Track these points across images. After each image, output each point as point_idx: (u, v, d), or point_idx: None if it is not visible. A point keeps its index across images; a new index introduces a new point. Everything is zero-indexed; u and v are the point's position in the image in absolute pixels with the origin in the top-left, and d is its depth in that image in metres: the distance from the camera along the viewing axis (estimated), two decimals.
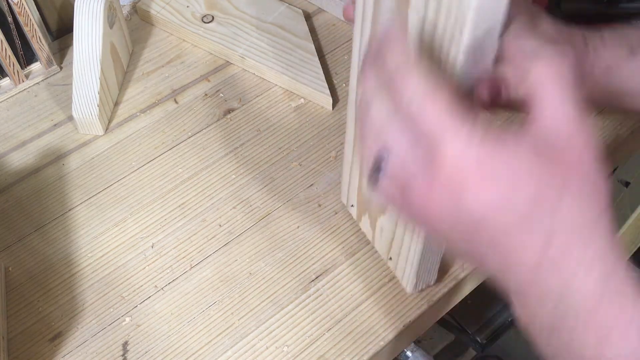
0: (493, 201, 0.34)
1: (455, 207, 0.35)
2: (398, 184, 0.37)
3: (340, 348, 0.58)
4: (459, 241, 0.37)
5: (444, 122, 0.34)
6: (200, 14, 0.80)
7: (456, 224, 0.36)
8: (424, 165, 0.36)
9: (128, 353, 0.57)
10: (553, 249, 0.34)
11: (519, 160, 0.34)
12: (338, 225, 0.65)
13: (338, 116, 0.73)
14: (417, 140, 0.36)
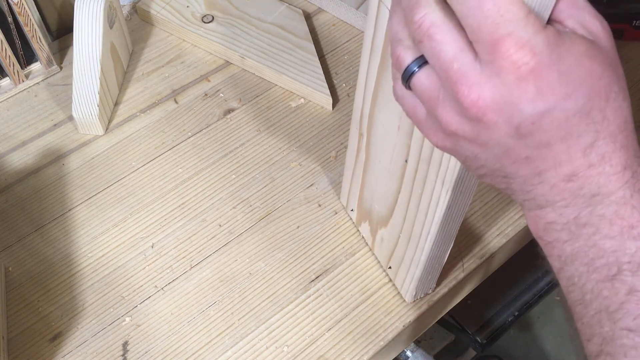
0: (559, 94, 0.32)
1: (512, 102, 0.33)
2: (444, 76, 0.34)
3: (340, 348, 0.58)
4: (497, 150, 0.35)
5: (508, 10, 0.31)
6: (200, 14, 0.80)
7: (505, 124, 0.33)
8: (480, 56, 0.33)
9: (128, 353, 0.57)
10: (594, 151, 0.34)
11: (582, 56, 0.33)
12: (338, 225, 0.65)
13: (338, 116, 0.73)
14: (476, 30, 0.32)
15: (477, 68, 0.33)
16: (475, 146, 0.36)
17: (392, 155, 0.53)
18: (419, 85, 0.36)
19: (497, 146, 0.35)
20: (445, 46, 0.34)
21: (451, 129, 0.35)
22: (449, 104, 0.35)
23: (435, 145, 0.38)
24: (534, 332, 1.30)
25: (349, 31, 0.81)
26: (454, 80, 0.34)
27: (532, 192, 0.36)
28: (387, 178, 0.55)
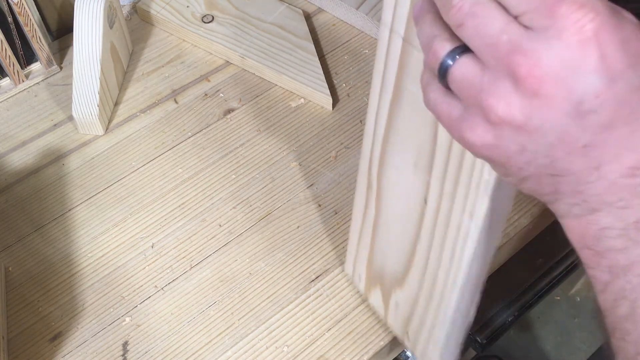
0: (623, 63, 0.29)
1: (574, 69, 0.29)
2: (492, 52, 0.31)
3: (340, 348, 0.58)
4: (551, 136, 0.31)
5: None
6: (200, 14, 0.80)
7: (565, 98, 0.30)
8: (533, 25, 0.30)
9: (128, 353, 0.57)
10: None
11: (636, 27, 0.30)
12: (338, 225, 0.65)
13: (338, 116, 0.73)
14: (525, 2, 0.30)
15: (531, 36, 0.30)
16: (524, 135, 0.31)
17: (408, 199, 0.48)
18: (459, 73, 0.33)
19: (551, 131, 0.31)
20: (491, 19, 0.31)
21: (498, 115, 0.31)
22: (496, 85, 0.31)
23: (473, 145, 0.33)
24: (534, 332, 1.30)
25: (349, 31, 0.81)
26: (506, 51, 0.30)
27: (585, 193, 0.32)
28: (403, 228, 0.49)
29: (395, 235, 0.51)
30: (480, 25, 0.31)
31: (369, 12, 0.79)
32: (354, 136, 0.71)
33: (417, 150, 0.45)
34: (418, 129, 0.43)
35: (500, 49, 0.30)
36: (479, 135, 0.32)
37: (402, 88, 0.43)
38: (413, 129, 0.44)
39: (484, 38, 0.31)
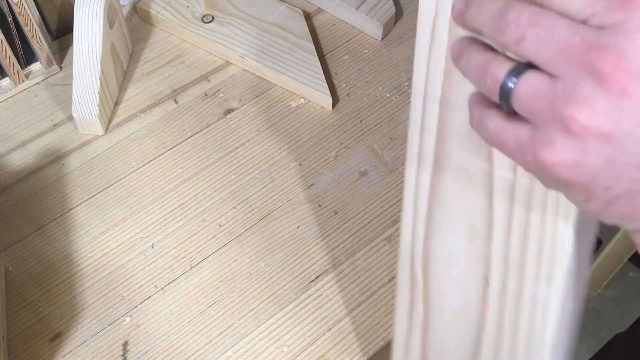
0: None
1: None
2: (565, 58, 0.28)
3: (340, 348, 0.58)
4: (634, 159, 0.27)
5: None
6: (200, 14, 0.80)
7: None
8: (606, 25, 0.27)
9: (128, 353, 0.57)
10: None
11: None
12: (338, 225, 0.65)
13: (338, 116, 0.73)
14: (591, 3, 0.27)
15: (606, 33, 0.27)
16: (612, 144, 0.27)
17: (465, 283, 0.42)
18: (526, 90, 0.29)
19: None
20: (556, 26, 0.28)
21: (581, 123, 0.27)
22: (574, 92, 0.27)
23: (553, 165, 0.29)
24: None
25: (349, 31, 0.81)
26: (581, 52, 0.27)
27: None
28: (461, 321, 0.43)
29: (453, 333, 0.45)
30: (545, 33, 0.28)
31: (369, 12, 0.79)
32: (354, 136, 0.71)
33: (470, 222, 0.40)
34: (469, 197, 0.39)
35: (575, 51, 0.27)
36: (559, 152, 0.28)
37: (445, 155, 0.39)
38: (462, 198, 0.40)
39: (553, 46, 0.28)
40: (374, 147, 0.71)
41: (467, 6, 0.31)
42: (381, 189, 0.67)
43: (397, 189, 0.67)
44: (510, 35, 0.29)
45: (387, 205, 0.66)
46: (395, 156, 0.70)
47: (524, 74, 0.29)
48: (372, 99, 0.75)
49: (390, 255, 0.63)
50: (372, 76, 0.77)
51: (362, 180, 0.68)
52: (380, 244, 0.64)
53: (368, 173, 0.69)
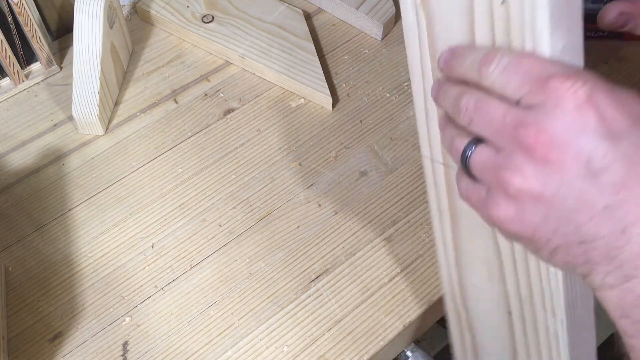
0: (623, 123, 0.31)
1: (576, 132, 0.31)
2: (500, 136, 0.34)
3: (340, 348, 0.58)
4: (570, 201, 0.32)
5: (550, 65, 0.32)
6: (200, 14, 0.80)
7: (574, 161, 0.31)
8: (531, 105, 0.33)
9: (128, 353, 0.57)
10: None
11: (633, 96, 0.32)
12: (338, 225, 0.65)
13: (338, 116, 0.73)
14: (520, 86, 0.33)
15: (532, 111, 0.32)
16: (544, 203, 0.33)
17: (496, 316, 0.48)
18: (478, 159, 0.36)
19: (569, 195, 0.32)
20: (493, 109, 0.34)
21: (515, 187, 0.33)
22: (509, 161, 0.33)
23: (499, 222, 0.35)
24: None
25: (349, 31, 0.81)
26: (512, 129, 0.33)
27: (618, 259, 0.32)
28: (500, 345, 0.49)
29: (495, 354, 0.51)
30: (486, 116, 0.35)
31: (369, 12, 0.79)
32: (354, 136, 0.71)
33: (487, 265, 0.45)
34: (481, 244, 0.45)
35: (507, 129, 0.33)
36: (503, 211, 0.34)
37: (456, 209, 0.45)
38: (477, 245, 0.45)
39: (492, 125, 0.34)
40: (374, 147, 0.71)
41: (437, 91, 0.39)
42: (381, 189, 0.67)
43: (397, 189, 0.67)
44: (464, 117, 0.36)
45: (387, 205, 0.66)
46: (395, 156, 0.70)
47: (475, 147, 0.36)
48: (372, 99, 0.75)
49: (390, 255, 0.63)
50: (372, 76, 0.77)
51: (362, 180, 0.68)
52: (380, 244, 0.64)
53: (368, 173, 0.69)
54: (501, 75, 0.34)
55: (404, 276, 0.62)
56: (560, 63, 0.33)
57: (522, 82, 0.33)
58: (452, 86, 0.38)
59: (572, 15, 0.34)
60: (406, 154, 0.70)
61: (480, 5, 0.36)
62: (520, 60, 0.33)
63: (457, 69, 0.37)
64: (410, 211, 0.66)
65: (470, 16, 0.37)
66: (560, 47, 0.34)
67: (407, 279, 0.62)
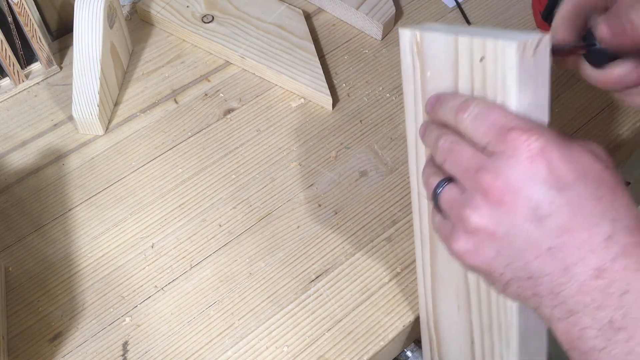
0: (570, 176, 0.35)
1: (528, 180, 0.35)
2: (465, 176, 0.39)
3: (340, 348, 0.58)
4: (520, 241, 0.36)
5: (510, 113, 0.37)
6: (200, 14, 0.80)
7: (524, 205, 0.36)
8: (493, 151, 0.37)
9: (128, 353, 0.57)
10: (615, 243, 0.35)
11: (584, 152, 0.36)
12: (338, 225, 0.65)
13: (338, 116, 0.73)
14: (486, 134, 0.38)
15: (492, 158, 0.37)
16: (497, 241, 0.37)
17: (460, 341, 0.53)
18: (446, 196, 0.40)
19: (518, 235, 0.36)
20: (462, 152, 0.39)
21: (474, 224, 0.37)
22: (470, 201, 0.38)
23: (458, 254, 0.39)
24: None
25: (349, 31, 0.81)
26: (474, 172, 0.37)
27: (561, 295, 0.36)
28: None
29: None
30: (456, 157, 0.39)
31: (369, 12, 0.79)
32: (354, 136, 0.71)
33: (456, 293, 0.50)
34: (453, 273, 0.49)
35: (470, 171, 0.38)
36: (463, 244, 0.39)
37: (435, 239, 0.50)
38: (450, 274, 0.50)
39: (459, 166, 0.39)
40: (374, 147, 0.71)
41: (423, 131, 0.44)
42: (381, 189, 0.67)
43: (397, 189, 0.68)
44: (439, 157, 0.41)
45: (387, 205, 0.66)
46: (395, 156, 0.70)
47: (445, 185, 0.41)
48: (372, 99, 0.75)
49: (391, 256, 0.63)
50: (372, 76, 0.77)
51: (362, 180, 0.68)
52: (380, 244, 0.64)
53: (368, 173, 0.69)
54: (472, 123, 0.38)
55: (404, 276, 0.62)
56: (522, 117, 0.37)
57: (488, 131, 0.37)
58: (435, 127, 0.43)
59: (539, 77, 0.39)
60: (406, 154, 0.70)
61: (463, 59, 0.41)
62: (489, 111, 0.38)
63: (439, 112, 0.42)
64: (410, 211, 0.66)
65: (455, 68, 0.42)
66: (526, 104, 0.38)
67: (407, 279, 0.62)
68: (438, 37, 0.42)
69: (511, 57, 0.37)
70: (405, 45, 0.45)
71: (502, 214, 0.36)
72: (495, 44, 0.38)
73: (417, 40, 0.44)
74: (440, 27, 0.44)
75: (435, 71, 0.44)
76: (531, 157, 0.35)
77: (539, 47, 0.38)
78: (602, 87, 0.48)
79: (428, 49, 0.43)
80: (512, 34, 0.39)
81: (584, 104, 0.74)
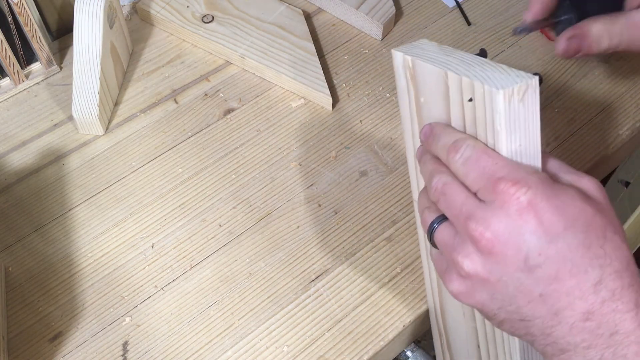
0: (559, 226, 0.36)
1: (517, 233, 0.36)
2: (457, 220, 0.39)
3: (340, 348, 0.58)
4: (511, 287, 0.37)
5: (500, 159, 0.38)
6: (200, 14, 0.80)
7: (514, 256, 0.37)
8: (484, 199, 0.38)
9: (128, 353, 0.57)
10: (604, 287, 0.36)
11: (574, 197, 0.37)
12: (338, 225, 0.65)
13: (338, 116, 0.73)
14: (478, 180, 0.38)
15: (482, 207, 0.38)
16: (489, 286, 0.38)
17: (467, 344, 0.53)
18: (440, 237, 0.41)
19: (509, 283, 0.37)
20: (455, 196, 0.39)
21: (466, 270, 0.39)
22: (462, 246, 0.39)
23: (453, 294, 0.40)
24: None
25: (349, 31, 0.81)
26: (464, 220, 0.38)
27: (552, 335, 0.37)
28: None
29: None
30: (448, 201, 0.40)
31: (369, 12, 0.79)
32: (354, 136, 0.71)
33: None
34: None
35: (461, 218, 0.39)
36: (456, 286, 0.40)
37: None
38: None
39: (452, 210, 0.40)
40: (374, 147, 0.71)
41: (420, 158, 0.45)
42: (381, 189, 0.67)
43: (397, 189, 0.68)
44: (432, 196, 0.42)
45: (387, 205, 0.66)
46: (395, 156, 0.70)
47: (439, 225, 0.42)
48: (372, 99, 0.75)
49: (391, 255, 0.63)
50: (372, 76, 0.77)
51: (362, 180, 0.68)
52: (380, 244, 0.64)
53: (368, 173, 0.69)
54: (463, 166, 0.39)
55: (404, 276, 0.62)
56: (512, 164, 0.38)
57: (478, 178, 0.38)
58: (429, 160, 0.43)
59: (529, 121, 0.38)
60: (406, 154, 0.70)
61: (454, 94, 0.40)
62: (480, 156, 0.39)
63: (432, 146, 0.43)
64: (410, 211, 0.66)
65: (447, 101, 0.41)
66: (516, 147, 0.38)
67: (407, 279, 0.62)
68: (428, 68, 0.42)
69: (498, 103, 0.37)
70: (399, 68, 0.44)
71: (494, 263, 0.37)
72: (482, 87, 0.38)
73: (409, 65, 0.43)
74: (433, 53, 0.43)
75: (429, 98, 0.43)
76: (519, 210, 0.36)
77: (527, 92, 0.37)
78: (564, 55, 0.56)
79: (420, 76, 0.43)
80: (501, 72, 0.39)
81: (584, 103, 0.74)
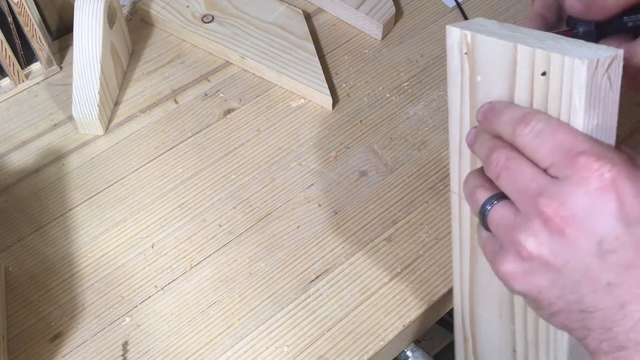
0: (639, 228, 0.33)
1: (595, 213, 0.33)
2: (523, 198, 0.36)
3: (340, 348, 0.58)
4: (577, 274, 0.34)
5: (579, 134, 0.34)
6: (200, 14, 0.80)
7: (588, 238, 0.34)
8: (558, 175, 0.35)
9: (128, 353, 0.57)
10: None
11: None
12: (338, 225, 0.65)
13: (338, 116, 0.73)
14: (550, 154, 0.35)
15: (555, 182, 0.34)
16: (552, 271, 0.35)
17: (500, 349, 0.50)
18: (496, 216, 0.38)
19: (577, 268, 0.34)
20: (522, 171, 0.36)
21: (528, 250, 0.35)
22: (526, 224, 0.35)
23: (506, 277, 0.37)
24: None
25: (349, 31, 0.81)
26: (533, 196, 0.35)
27: (613, 330, 0.34)
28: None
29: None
30: (513, 176, 0.36)
31: (369, 12, 0.79)
32: (354, 136, 0.71)
33: (499, 302, 0.47)
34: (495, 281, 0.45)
35: (530, 194, 0.35)
36: (511, 267, 0.36)
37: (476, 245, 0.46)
38: (492, 281, 0.47)
39: (516, 186, 0.36)
40: (374, 147, 0.71)
41: (474, 140, 0.41)
42: (381, 189, 0.67)
43: (397, 189, 0.68)
44: (492, 171, 0.38)
45: (387, 205, 0.66)
46: (395, 156, 0.70)
47: (496, 203, 0.38)
48: (372, 99, 0.75)
49: (391, 256, 0.63)
50: (372, 76, 0.77)
51: (362, 180, 0.68)
52: (380, 244, 0.64)
53: (368, 173, 0.69)
54: (535, 139, 0.35)
55: (404, 276, 0.62)
56: (592, 140, 0.34)
57: (553, 151, 0.35)
58: (488, 138, 0.39)
59: (609, 98, 0.35)
60: (406, 154, 0.70)
61: (523, 70, 0.37)
62: (555, 129, 0.35)
63: (494, 123, 0.39)
64: (410, 211, 0.66)
65: (512, 78, 0.38)
66: (593, 125, 0.35)
67: (407, 279, 0.62)
68: (493, 42, 0.38)
69: (581, 76, 0.34)
70: (453, 46, 0.41)
71: (563, 245, 0.34)
72: (562, 59, 0.34)
73: (468, 41, 0.39)
74: (494, 28, 0.40)
75: (488, 77, 0.40)
76: (601, 188, 0.33)
77: (612, 65, 0.34)
78: None
79: (480, 53, 0.39)
80: (580, 45, 0.36)
81: None
